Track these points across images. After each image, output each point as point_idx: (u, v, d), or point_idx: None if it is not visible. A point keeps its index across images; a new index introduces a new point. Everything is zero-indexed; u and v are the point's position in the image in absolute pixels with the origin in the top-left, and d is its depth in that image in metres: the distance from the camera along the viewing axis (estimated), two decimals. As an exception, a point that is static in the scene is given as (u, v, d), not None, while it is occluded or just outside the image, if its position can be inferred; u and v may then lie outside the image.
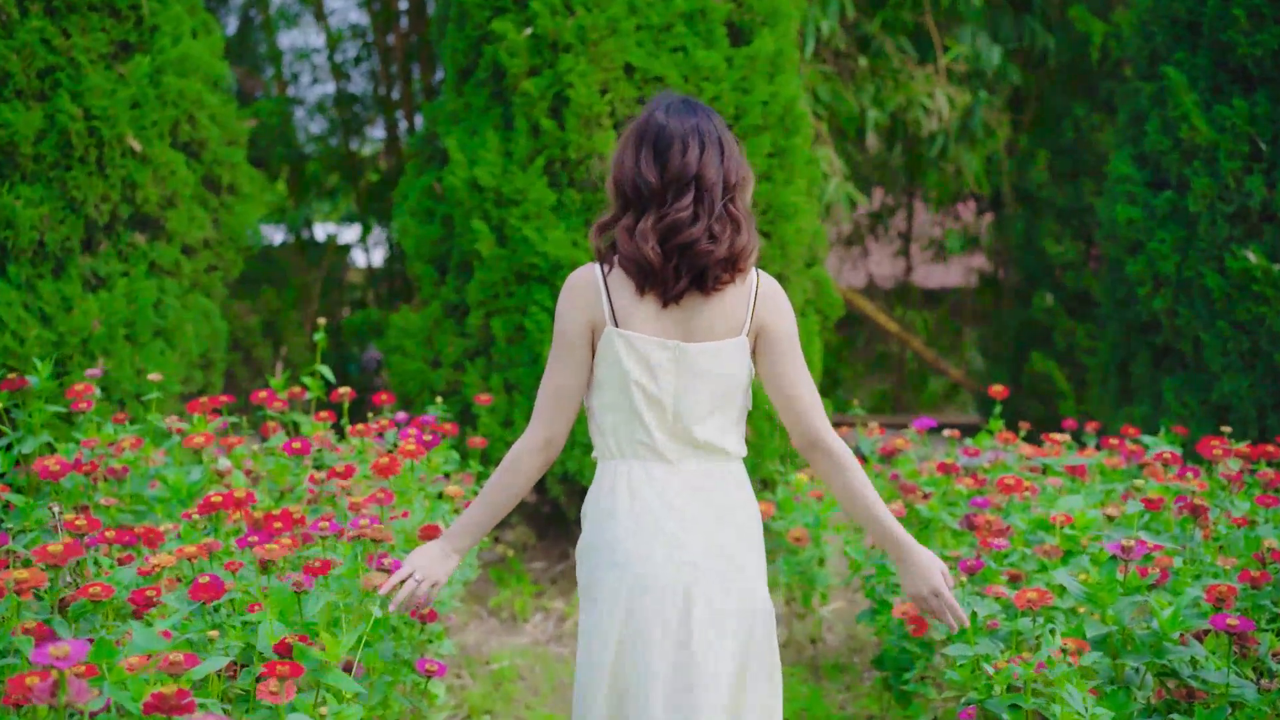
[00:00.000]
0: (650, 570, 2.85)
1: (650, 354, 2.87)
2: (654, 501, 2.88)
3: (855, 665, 5.48)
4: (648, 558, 2.85)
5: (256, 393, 4.55)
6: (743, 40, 6.56)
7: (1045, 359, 9.18)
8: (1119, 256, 6.98)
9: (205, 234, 6.60)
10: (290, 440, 4.25)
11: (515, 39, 6.32)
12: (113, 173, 6.13)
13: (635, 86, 6.29)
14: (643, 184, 2.84)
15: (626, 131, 2.94)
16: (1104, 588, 3.08)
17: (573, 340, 2.90)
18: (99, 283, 6.25)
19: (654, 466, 2.91)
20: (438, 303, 6.62)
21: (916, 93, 9.26)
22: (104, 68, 6.17)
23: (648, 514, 2.87)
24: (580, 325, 2.89)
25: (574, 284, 2.91)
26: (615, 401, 2.91)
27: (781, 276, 6.59)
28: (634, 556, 2.85)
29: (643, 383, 2.87)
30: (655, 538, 2.86)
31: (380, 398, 4.96)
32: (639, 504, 2.88)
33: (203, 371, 6.70)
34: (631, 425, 2.90)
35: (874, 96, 9.21)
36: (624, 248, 2.85)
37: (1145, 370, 6.92)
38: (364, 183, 11.85)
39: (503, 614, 6.26)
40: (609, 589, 2.87)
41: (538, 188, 6.23)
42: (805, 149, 6.65)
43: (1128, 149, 7.04)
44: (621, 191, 2.88)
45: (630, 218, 2.86)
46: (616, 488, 2.92)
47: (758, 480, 6.48)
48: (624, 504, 2.89)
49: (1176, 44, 6.91)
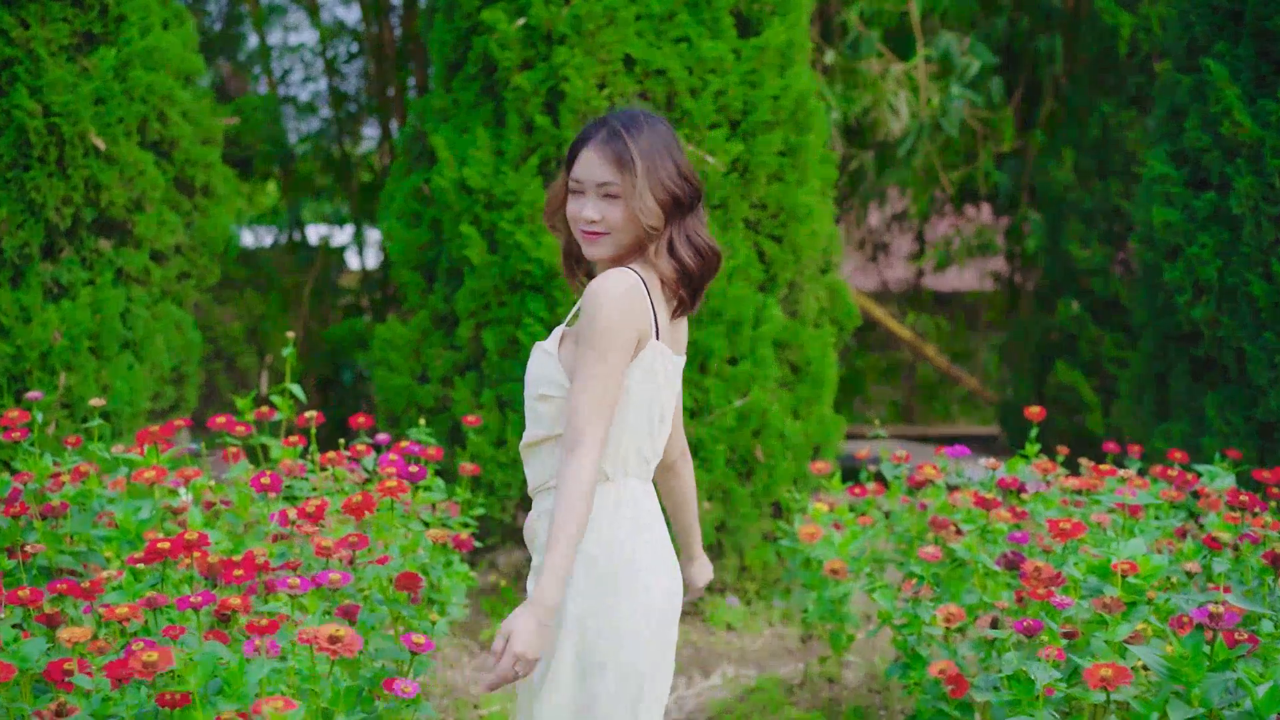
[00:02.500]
0: (677, 603, 2.86)
1: (670, 368, 2.85)
2: (660, 528, 2.88)
3: (879, 712, 5.03)
4: (676, 592, 2.86)
5: (214, 418, 4.10)
6: (751, 30, 6.12)
7: (1070, 369, 8.72)
8: (1156, 262, 6.53)
9: (177, 239, 6.17)
10: (258, 474, 3.81)
11: (507, 30, 5.87)
12: (75, 173, 5.71)
13: (635, 80, 5.85)
14: (694, 191, 2.80)
15: (655, 140, 2.77)
16: (1190, 662, 2.64)
17: (627, 349, 2.73)
18: (61, 292, 5.84)
19: (649, 486, 2.91)
20: (425, 313, 6.18)
21: (885, 92, 8.89)
22: (65, 60, 5.76)
23: (663, 542, 2.88)
24: (634, 335, 2.74)
25: (633, 287, 2.73)
26: (637, 418, 2.81)
27: (794, 284, 6.16)
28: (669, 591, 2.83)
29: (662, 398, 2.85)
30: (674, 566, 2.88)
31: (358, 420, 4.51)
32: (659, 530, 2.87)
33: (174, 386, 6.27)
34: (642, 442, 2.84)
35: (841, 95, 8.83)
36: (686, 256, 2.77)
37: (1184, 384, 6.46)
38: (357, 183, 11.44)
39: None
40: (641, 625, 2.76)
41: (531, 189, 5.79)
42: (819, 146, 6.21)
43: (1165, 146, 6.58)
44: (676, 200, 2.76)
45: (673, 228, 2.78)
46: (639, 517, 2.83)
47: (768, 504, 6.04)
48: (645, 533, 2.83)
49: (1217, 34, 6.46)
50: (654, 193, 2.72)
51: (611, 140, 2.74)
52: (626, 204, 2.73)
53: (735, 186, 5.94)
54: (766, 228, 6.08)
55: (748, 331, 5.87)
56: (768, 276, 6.07)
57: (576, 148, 2.80)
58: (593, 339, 2.67)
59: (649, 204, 2.71)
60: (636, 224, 2.74)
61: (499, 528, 6.11)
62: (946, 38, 9.20)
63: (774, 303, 5.98)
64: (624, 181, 2.72)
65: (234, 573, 3.20)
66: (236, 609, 2.80)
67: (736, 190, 5.94)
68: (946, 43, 9.17)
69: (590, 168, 2.75)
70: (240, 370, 8.71)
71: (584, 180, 2.76)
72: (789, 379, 6.08)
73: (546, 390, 2.79)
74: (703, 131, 5.88)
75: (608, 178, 2.74)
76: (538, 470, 2.87)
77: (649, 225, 2.73)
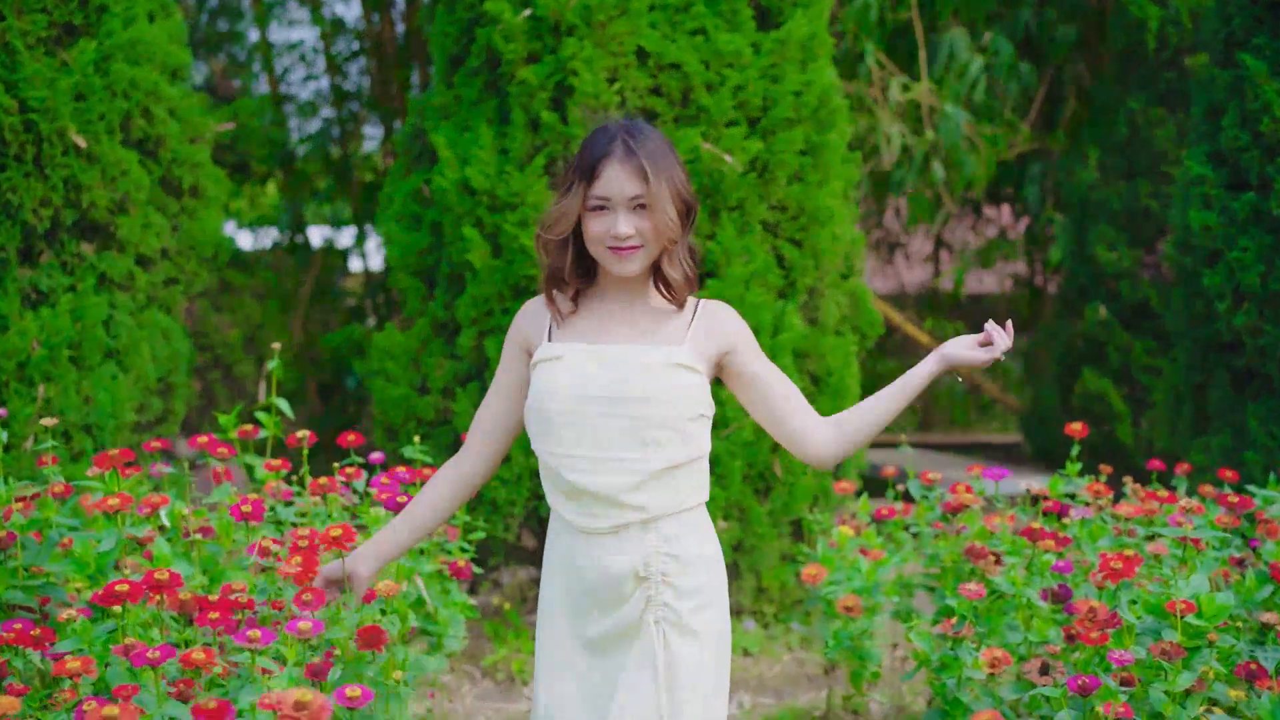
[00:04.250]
0: None
1: None
2: None
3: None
4: None
5: (195, 437, 3.78)
6: (771, 22, 5.81)
7: (1099, 377, 8.38)
8: (1194, 267, 6.20)
9: (163, 243, 5.86)
10: (240, 501, 3.49)
11: (511, 21, 5.56)
12: (54, 173, 5.41)
13: (649, 74, 5.53)
14: (696, 199, 2.77)
15: (665, 149, 2.71)
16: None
17: None
18: (40, 298, 5.54)
19: None
20: (425, 320, 5.86)
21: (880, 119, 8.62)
22: (43, 53, 5.46)
23: None
24: None
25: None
26: None
27: (814, 291, 5.83)
28: None
29: None
30: None
31: (348, 438, 4.18)
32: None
33: (161, 398, 5.95)
34: None
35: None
36: (689, 265, 2.73)
37: (1224, 395, 6.13)
38: (359, 183, 11.15)
39: (498, 675, 5.50)
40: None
41: (537, 190, 5.46)
42: (841, 145, 5.89)
43: (1202, 146, 6.26)
44: (688, 209, 2.73)
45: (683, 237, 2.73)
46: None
47: (788, 523, 5.71)
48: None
49: (1257, 27, 6.15)
50: (674, 203, 2.67)
51: (633, 154, 2.65)
52: (652, 216, 2.64)
53: (753, 187, 5.62)
54: (786, 231, 5.76)
55: (766, 340, 5.53)
56: (787, 282, 5.75)
57: (593, 164, 2.67)
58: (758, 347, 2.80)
59: (671, 215, 2.66)
60: (660, 236, 2.65)
61: (502, 547, 5.79)
62: (954, 35, 8.90)
63: (793, 310, 5.65)
64: (648, 194, 2.64)
65: (209, 615, 2.90)
66: (200, 664, 2.48)
67: (755, 191, 5.63)
68: (953, 41, 8.87)
69: (619, 183, 2.65)
70: (238, 379, 8.41)
71: (613, 196, 2.65)
72: (809, 390, 5.76)
73: (705, 410, 2.71)
74: (720, 129, 5.56)
75: (638, 190, 2.65)
76: (675, 492, 2.68)
77: (670, 237, 2.66)
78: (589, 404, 2.63)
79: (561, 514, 2.71)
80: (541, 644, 2.76)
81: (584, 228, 2.69)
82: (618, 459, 2.62)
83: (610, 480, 2.62)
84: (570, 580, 2.70)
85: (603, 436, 2.62)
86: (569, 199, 2.68)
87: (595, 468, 2.63)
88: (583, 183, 2.67)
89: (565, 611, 2.72)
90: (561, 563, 2.72)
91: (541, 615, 2.78)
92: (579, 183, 2.67)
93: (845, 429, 2.75)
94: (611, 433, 2.62)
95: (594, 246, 2.68)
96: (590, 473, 2.63)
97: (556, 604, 2.73)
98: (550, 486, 2.72)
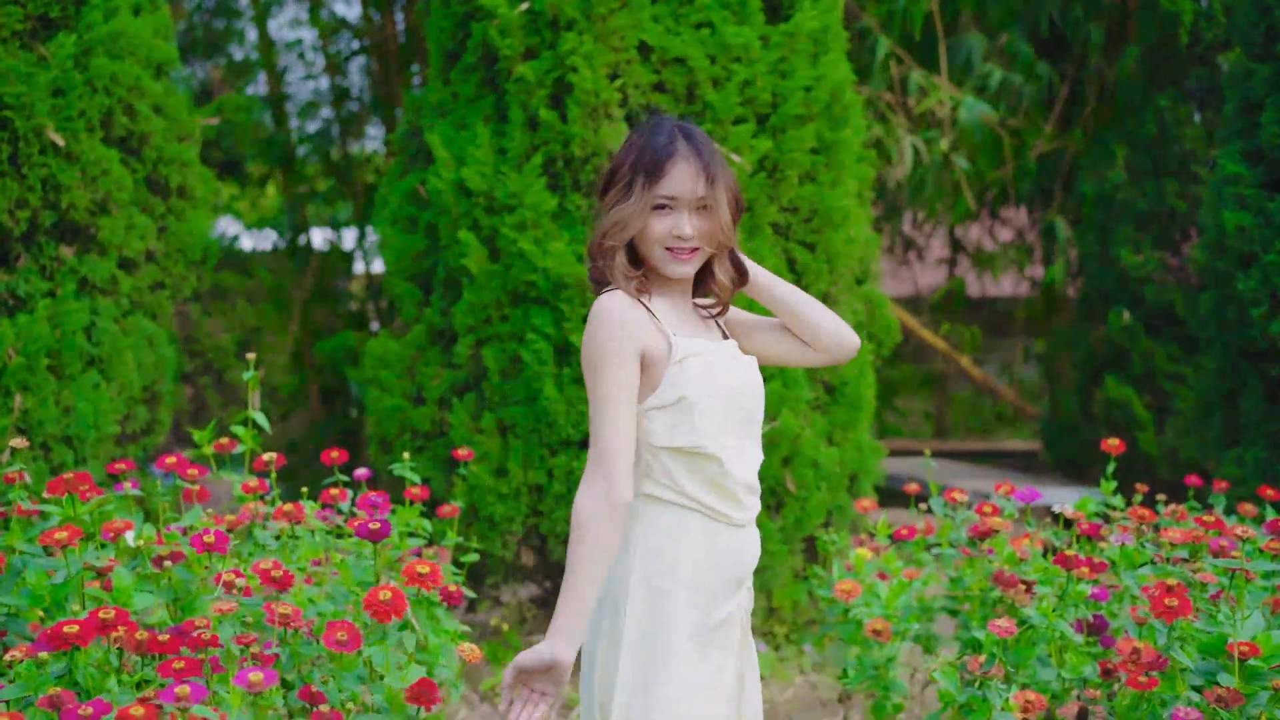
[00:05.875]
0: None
1: None
2: None
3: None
4: None
5: (164, 457, 3.52)
6: (781, 15, 5.56)
7: (1120, 384, 8.09)
8: (1227, 270, 5.93)
9: (149, 245, 5.62)
10: (201, 531, 3.23)
11: (508, 15, 5.30)
12: (31, 172, 5.17)
13: (652, 70, 5.27)
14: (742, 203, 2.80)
15: (716, 149, 2.70)
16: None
17: None
18: (17, 304, 5.31)
19: None
20: (421, 327, 5.60)
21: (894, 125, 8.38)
22: (19, 47, 5.23)
23: None
24: None
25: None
26: None
27: (827, 296, 5.56)
28: None
29: None
30: None
31: (331, 454, 3.92)
32: None
33: (146, 407, 5.70)
34: None
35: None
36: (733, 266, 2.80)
37: (1258, 405, 5.86)
38: (360, 184, 10.92)
39: (497, 699, 5.24)
40: None
41: (535, 191, 5.21)
42: (855, 143, 5.63)
43: (1237, 144, 5.98)
44: (739, 211, 2.75)
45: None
46: None
47: (800, 540, 5.45)
48: None
49: (1296, 17, 5.88)
50: (730, 207, 2.65)
51: (699, 153, 2.62)
52: (711, 219, 2.62)
53: (763, 187, 5.36)
54: (798, 233, 5.49)
55: (776, 349, 5.27)
56: (799, 287, 5.48)
57: (659, 161, 2.60)
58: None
59: (727, 219, 2.64)
60: (714, 240, 2.64)
61: (500, 565, 5.52)
62: (972, 40, 8.67)
63: (806, 316, 5.38)
64: (712, 195, 2.61)
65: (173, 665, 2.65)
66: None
67: (764, 191, 5.36)
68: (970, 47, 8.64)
69: (686, 181, 2.60)
70: (230, 385, 8.17)
71: (681, 196, 2.60)
72: (823, 400, 5.49)
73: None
74: (727, 127, 5.29)
75: (704, 192, 2.61)
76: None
77: (723, 242, 2.65)
78: (735, 397, 2.64)
79: (709, 507, 2.61)
80: (657, 635, 2.60)
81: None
82: (752, 453, 2.67)
83: (752, 472, 2.67)
84: (702, 576, 2.62)
85: (743, 430, 2.66)
86: (634, 199, 2.60)
87: (743, 460, 2.65)
88: (647, 180, 2.59)
89: (692, 604, 2.60)
90: (690, 558, 2.61)
91: (660, 612, 2.61)
92: (643, 181, 2.59)
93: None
94: (749, 426, 2.68)
95: (650, 246, 2.62)
96: (742, 465, 2.63)
97: (680, 600, 2.60)
98: (691, 481, 2.60)
